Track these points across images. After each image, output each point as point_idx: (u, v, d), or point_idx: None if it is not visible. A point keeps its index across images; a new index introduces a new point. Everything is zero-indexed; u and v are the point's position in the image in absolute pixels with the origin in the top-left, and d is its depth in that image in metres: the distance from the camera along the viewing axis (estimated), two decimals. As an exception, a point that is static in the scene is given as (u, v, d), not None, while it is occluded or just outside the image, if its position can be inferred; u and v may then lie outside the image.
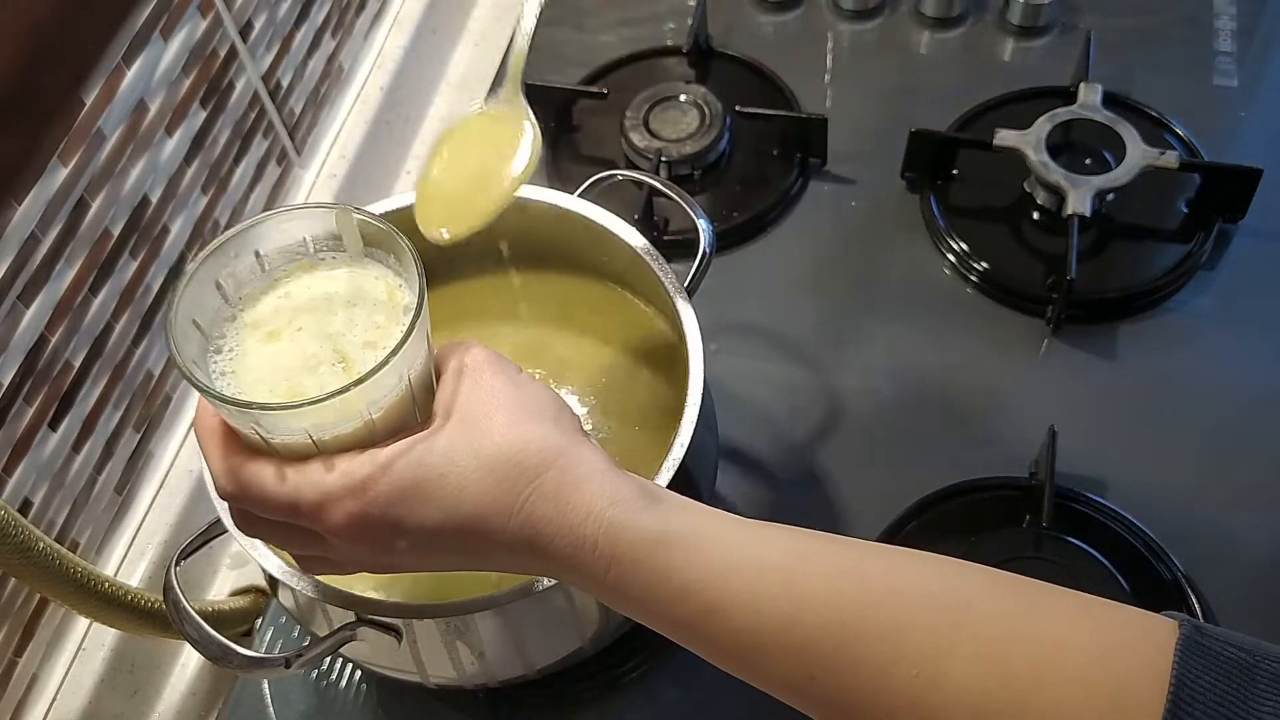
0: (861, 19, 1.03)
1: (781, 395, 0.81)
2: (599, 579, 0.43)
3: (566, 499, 0.42)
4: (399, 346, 0.42)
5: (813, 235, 0.90)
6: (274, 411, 0.42)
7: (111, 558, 0.73)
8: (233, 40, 0.77)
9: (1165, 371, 0.81)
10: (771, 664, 0.41)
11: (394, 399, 0.44)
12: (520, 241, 0.70)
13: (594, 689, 0.70)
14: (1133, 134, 0.86)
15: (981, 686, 0.38)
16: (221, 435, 0.45)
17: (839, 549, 0.43)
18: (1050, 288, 0.83)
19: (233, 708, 0.71)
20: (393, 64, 0.96)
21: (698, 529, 0.43)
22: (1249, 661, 0.36)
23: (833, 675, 0.40)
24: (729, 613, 0.41)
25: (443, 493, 0.42)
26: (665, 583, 0.42)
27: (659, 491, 0.44)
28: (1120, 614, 0.40)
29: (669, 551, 0.42)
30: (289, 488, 0.43)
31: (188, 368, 0.42)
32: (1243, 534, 0.73)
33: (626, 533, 0.42)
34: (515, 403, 0.44)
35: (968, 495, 0.75)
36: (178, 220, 0.74)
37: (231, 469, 0.44)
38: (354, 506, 0.42)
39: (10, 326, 0.61)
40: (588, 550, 0.42)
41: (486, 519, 0.43)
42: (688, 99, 0.93)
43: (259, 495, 0.44)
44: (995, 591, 0.41)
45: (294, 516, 0.44)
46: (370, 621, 0.55)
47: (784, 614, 0.41)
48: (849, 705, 0.40)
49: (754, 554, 0.42)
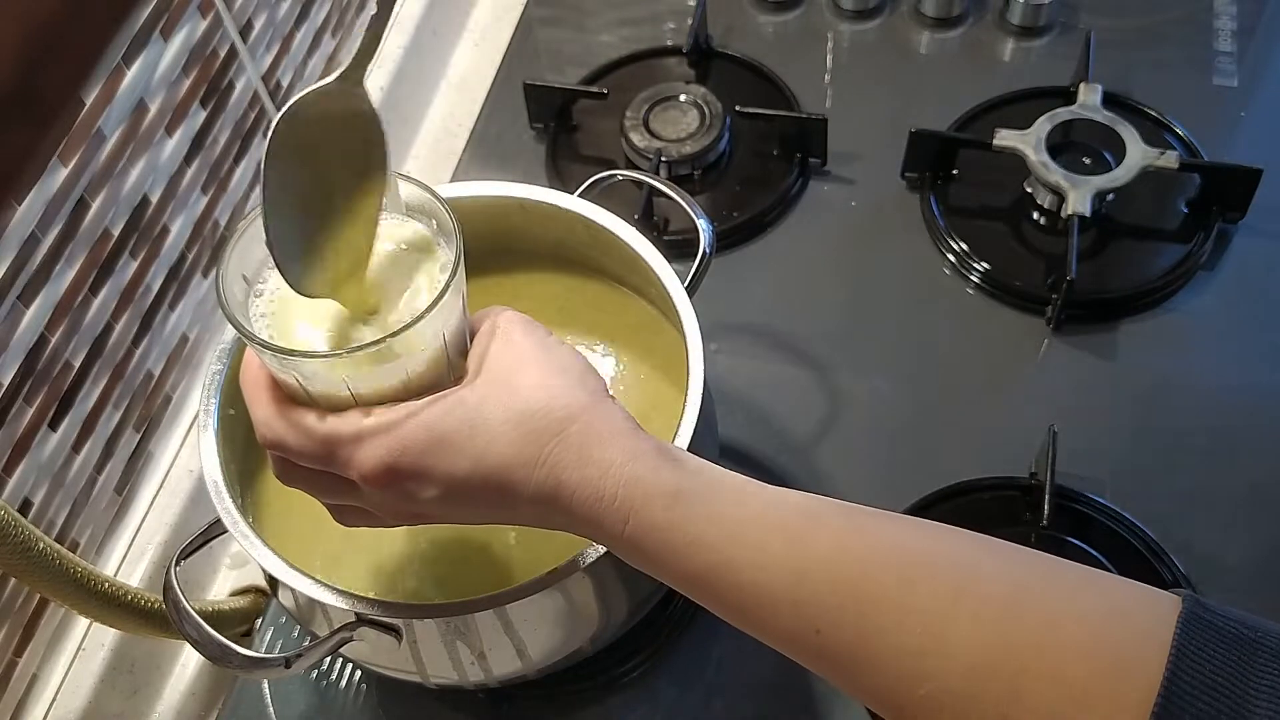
0: (861, 19, 1.03)
1: (781, 395, 0.81)
2: (616, 533, 0.44)
3: (589, 454, 0.44)
4: (436, 300, 0.43)
5: (813, 235, 0.90)
6: (314, 360, 0.43)
7: (111, 558, 0.73)
8: (233, 40, 0.77)
9: (1165, 371, 0.81)
10: (778, 618, 0.43)
11: (430, 354, 0.45)
12: (520, 241, 0.70)
13: (594, 689, 0.70)
14: (1133, 134, 0.86)
15: (982, 646, 0.39)
16: (266, 384, 0.46)
17: (847, 511, 0.44)
18: (1050, 288, 0.83)
19: (233, 708, 0.71)
20: (393, 64, 0.96)
21: (712, 487, 0.44)
22: (1250, 637, 0.36)
23: (837, 630, 0.41)
24: (738, 567, 0.43)
25: (472, 444, 0.44)
26: (678, 537, 0.43)
27: (678, 451, 0.46)
28: (1123, 585, 0.40)
29: (683, 507, 0.43)
30: (325, 432, 0.45)
31: (236, 317, 0.44)
32: (1242, 534, 0.73)
33: (643, 487, 0.43)
34: (543, 361, 0.46)
35: (968, 495, 0.75)
36: (178, 220, 0.74)
37: (273, 416, 0.46)
38: (386, 454, 0.44)
39: (10, 326, 0.61)
40: (606, 504, 0.44)
41: (512, 470, 0.44)
42: (688, 99, 0.93)
43: (297, 441, 0.45)
44: (998, 557, 0.42)
45: (329, 463, 0.45)
46: (370, 621, 0.55)
47: (792, 569, 0.42)
48: (853, 660, 0.41)
49: (764, 512, 0.43)
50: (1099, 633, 0.38)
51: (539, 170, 0.95)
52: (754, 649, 0.71)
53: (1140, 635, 0.37)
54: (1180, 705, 0.35)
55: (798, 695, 0.69)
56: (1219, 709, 0.35)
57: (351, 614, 0.55)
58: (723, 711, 0.69)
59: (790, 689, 0.69)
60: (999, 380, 0.82)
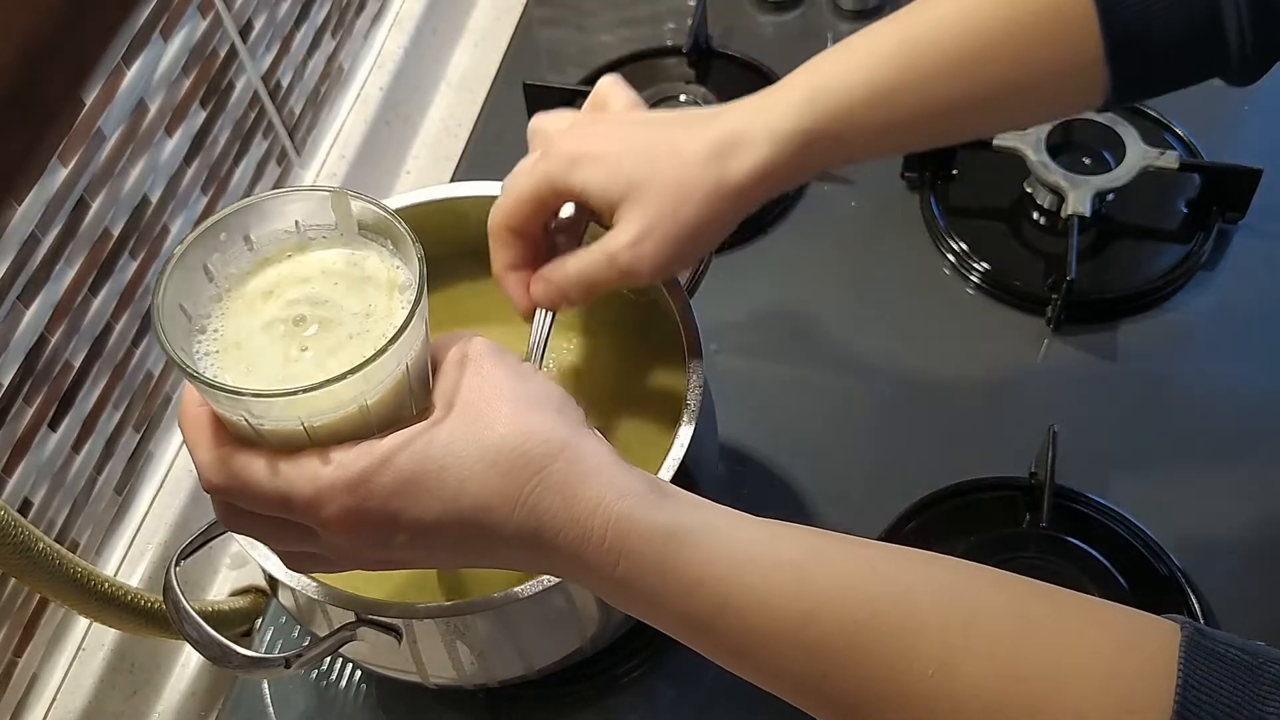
0: (861, 19, 1.03)
1: (781, 395, 0.81)
2: (606, 574, 0.42)
3: (574, 492, 0.41)
4: (401, 329, 0.40)
5: (813, 235, 0.90)
6: (266, 399, 0.40)
7: (111, 558, 0.73)
8: (233, 40, 0.77)
9: (1165, 371, 0.81)
10: (784, 662, 0.41)
11: (390, 386, 0.42)
12: (520, 241, 0.69)
13: (594, 689, 0.70)
14: (1132, 134, 0.86)
15: (994, 685, 0.38)
16: (209, 425, 0.43)
17: (851, 548, 0.42)
18: (1050, 288, 0.83)
19: (232, 708, 0.71)
20: (393, 64, 0.96)
21: (709, 524, 0.42)
22: (1252, 663, 0.36)
23: (846, 673, 0.39)
24: (742, 609, 0.41)
25: (443, 485, 0.41)
26: (676, 578, 0.41)
27: (667, 487, 0.44)
28: (1123, 615, 0.40)
29: (680, 546, 0.41)
30: (282, 480, 0.41)
31: (176, 354, 0.40)
32: (1242, 534, 0.73)
33: (636, 526, 0.41)
34: (519, 394, 0.43)
35: (968, 495, 0.75)
36: (178, 220, 0.74)
37: (219, 460, 0.42)
38: (350, 500, 0.41)
39: (10, 326, 0.61)
40: (595, 544, 0.41)
41: (489, 511, 0.42)
42: (688, 99, 0.93)
43: (250, 488, 0.42)
44: (1004, 592, 0.41)
45: (286, 511, 0.42)
46: (370, 621, 0.55)
47: (799, 611, 0.40)
48: (861, 704, 0.40)
49: (767, 550, 0.41)
50: (1108, 667, 0.37)
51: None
52: (754, 649, 0.72)
53: (1148, 665, 0.37)
54: None
55: (798, 695, 0.69)
56: None
57: (351, 614, 0.55)
58: (722, 712, 0.69)
59: (790, 689, 0.69)
60: (999, 380, 0.82)
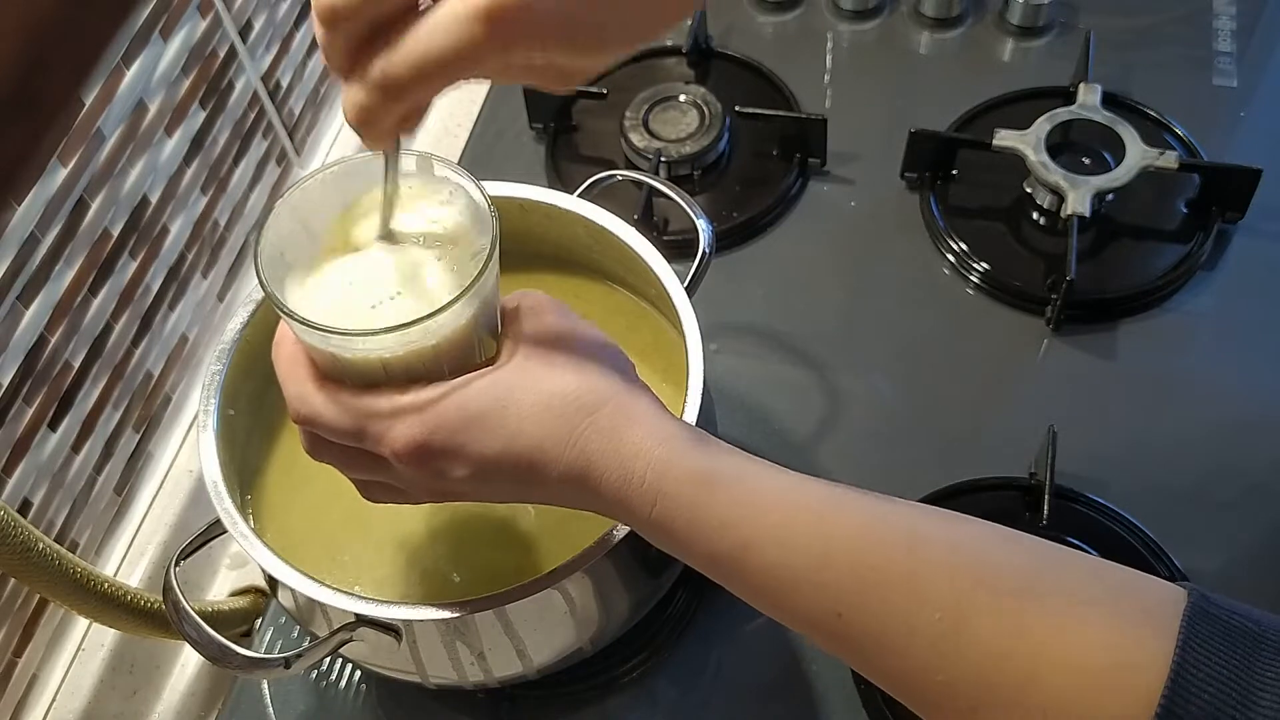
0: (861, 19, 1.03)
1: (781, 395, 0.81)
2: (644, 514, 0.45)
3: (620, 436, 0.45)
4: (475, 280, 0.44)
5: (812, 235, 0.90)
6: (351, 337, 0.44)
7: (111, 558, 0.73)
8: (232, 40, 0.77)
9: (1165, 371, 0.81)
10: (801, 600, 0.43)
11: (463, 333, 0.46)
12: (519, 242, 0.70)
13: (594, 689, 0.70)
14: (1132, 134, 0.86)
15: (998, 633, 0.40)
16: (299, 361, 0.47)
17: (869, 499, 0.45)
18: (1050, 288, 0.83)
19: (232, 708, 0.71)
20: (392, 64, 0.96)
21: (740, 470, 0.45)
22: (1255, 631, 0.37)
23: (859, 614, 0.42)
24: (763, 548, 0.43)
25: (504, 424, 0.45)
26: (706, 518, 0.44)
27: (707, 436, 0.47)
28: (1130, 575, 0.41)
29: (712, 489, 0.44)
30: (360, 409, 0.46)
31: (274, 293, 0.45)
32: (1242, 534, 0.73)
33: (673, 470, 0.44)
34: (576, 344, 0.47)
35: (968, 495, 0.75)
36: (177, 220, 0.74)
37: (308, 392, 0.47)
38: (419, 432, 0.45)
39: (10, 326, 0.61)
40: (635, 485, 0.44)
41: (543, 450, 0.45)
42: (687, 99, 0.93)
43: (332, 417, 0.46)
44: (1015, 545, 0.43)
45: (361, 440, 0.46)
46: (370, 621, 0.55)
47: (816, 553, 0.43)
48: (873, 644, 0.42)
49: (790, 496, 0.44)
50: (1112, 622, 0.39)
51: (539, 170, 0.95)
52: (754, 650, 0.72)
53: (1150, 625, 0.38)
54: (1186, 695, 0.36)
55: (797, 696, 0.69)
56: (1224, 700, 0.36)
57: (351, 614, 0.55)
58: (722, 712, 0.69)
59: (790, 690, 0.69)
60: (999, 380, 0.82)
